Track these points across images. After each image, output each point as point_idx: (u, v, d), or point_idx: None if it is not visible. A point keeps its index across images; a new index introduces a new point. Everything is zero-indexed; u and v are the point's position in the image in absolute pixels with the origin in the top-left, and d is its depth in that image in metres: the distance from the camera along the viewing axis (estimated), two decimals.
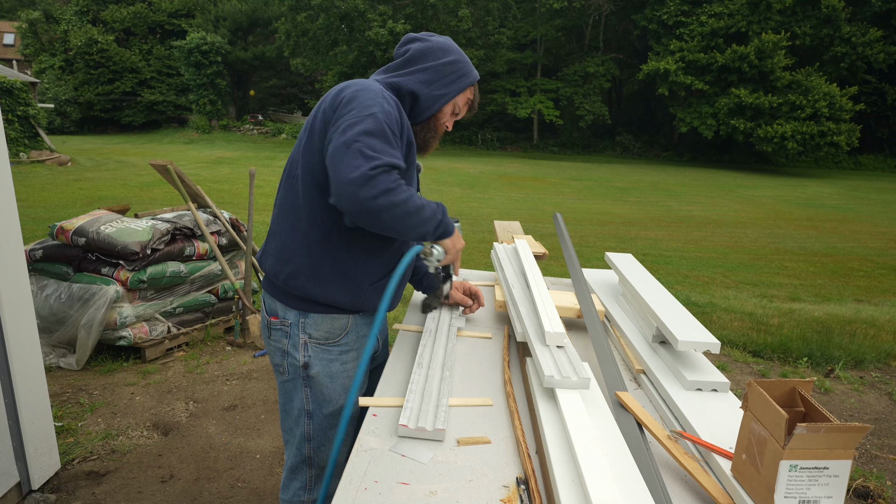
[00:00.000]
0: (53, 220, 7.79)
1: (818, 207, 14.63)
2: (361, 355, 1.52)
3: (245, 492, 2.49)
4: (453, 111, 1.63)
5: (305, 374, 1.52)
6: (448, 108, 1.62)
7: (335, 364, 1.53)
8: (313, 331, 1.51)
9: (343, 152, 1.31)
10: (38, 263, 3.71)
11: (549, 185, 17.20)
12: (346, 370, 1.55)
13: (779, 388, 1.00)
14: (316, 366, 1.52)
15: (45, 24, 37.79)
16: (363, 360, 1.43)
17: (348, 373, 1.55)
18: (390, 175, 1.31)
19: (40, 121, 18.79)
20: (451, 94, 1.59)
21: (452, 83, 1.58)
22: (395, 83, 1.54)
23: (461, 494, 1.03)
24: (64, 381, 3.42)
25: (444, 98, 1.58)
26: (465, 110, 1.67)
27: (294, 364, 1.52)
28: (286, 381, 1.56)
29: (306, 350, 1.51)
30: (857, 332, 4.64)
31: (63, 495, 2.41)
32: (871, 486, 2.65)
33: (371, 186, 1.28)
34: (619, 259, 2.06)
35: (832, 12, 26.45)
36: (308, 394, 1.54)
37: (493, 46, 31.25)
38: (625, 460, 1.07)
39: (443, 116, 1.62)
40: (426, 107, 1.57)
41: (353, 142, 1.31)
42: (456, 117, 1.66)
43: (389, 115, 1.39)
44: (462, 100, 1.63)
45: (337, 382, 1.54)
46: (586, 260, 6.79)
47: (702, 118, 27.69)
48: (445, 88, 1.58)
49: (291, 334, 1.51)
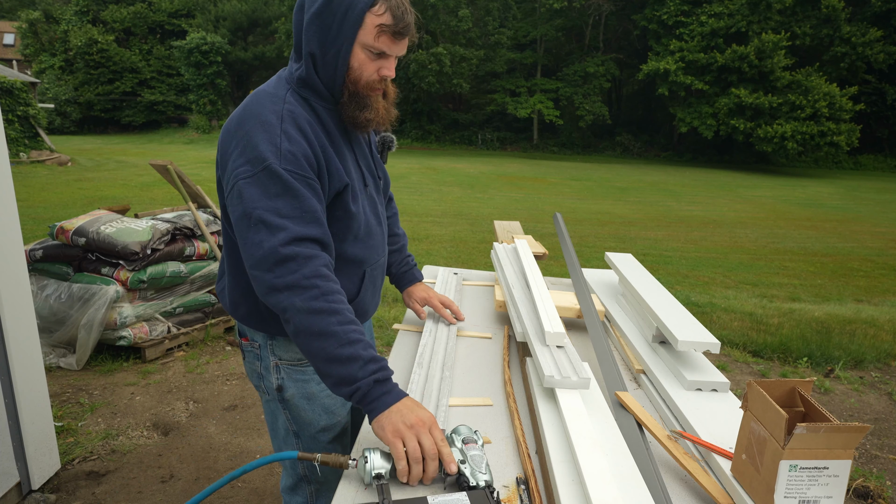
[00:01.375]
0: (53, 220, 7.79)
1: (818, 207, 14.63)
2: None
3: (245, 492, 2.49)
4: (370, 57, 1.20)
5: (281, 396, 1.40)
6: (358, 58, 1.19)
7: (311, 384, 1.39)
8: (283, 353, 1.38)
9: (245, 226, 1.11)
10: (38, 263, 3.71)
11: (549, 185, 17.20)
12: (324, 389, 1.39)
13: (779, 388, 1.00)
14: (290, 388, 1.38)
15: (45, 24, 37.79)
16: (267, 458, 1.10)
17: (327, 392, 1.38)
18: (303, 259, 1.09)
19: (40, 121, 18.80)
20: (348, 38, 1.17)
21: (346, 24, 1.16)
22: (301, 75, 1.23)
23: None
24: (64, 381, 3.42)
25: (341, 50, 1.18)
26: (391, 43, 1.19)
27: (269, 387, 1.41)
28: (269, 400, 1.45)
29: (278, 372, 1.39)
30: (856, 332, 4.64)
31: (63, 495, 2.41)
32: (870, 486, 2.65)
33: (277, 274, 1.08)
34: (618, 259, 2.06)
35: (832, 12, 26.45)
36: (289, 416, 1.42)
37: (493, 46, 31.25)
38: (625, 460, 1.07)
39: (359, 74, 1.21)
40: (331, 76, 1.21)
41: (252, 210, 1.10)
42: (384, 60, 1.21)
43: (290, 155, 1.13)
44: (369, 35, 1.17)
45: (316, 403, 1.40)
46: (586, 260, 6.79)
47: (702, 118, 27.70)
48: (338, 37, 1.17)
49: (262, 356, 1.40)
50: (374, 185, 1.42)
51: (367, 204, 1.36)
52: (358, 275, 1.38)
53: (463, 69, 30.31)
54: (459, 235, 8.86)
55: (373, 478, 1.00)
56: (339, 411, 1.44)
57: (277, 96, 1.22)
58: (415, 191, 14.16)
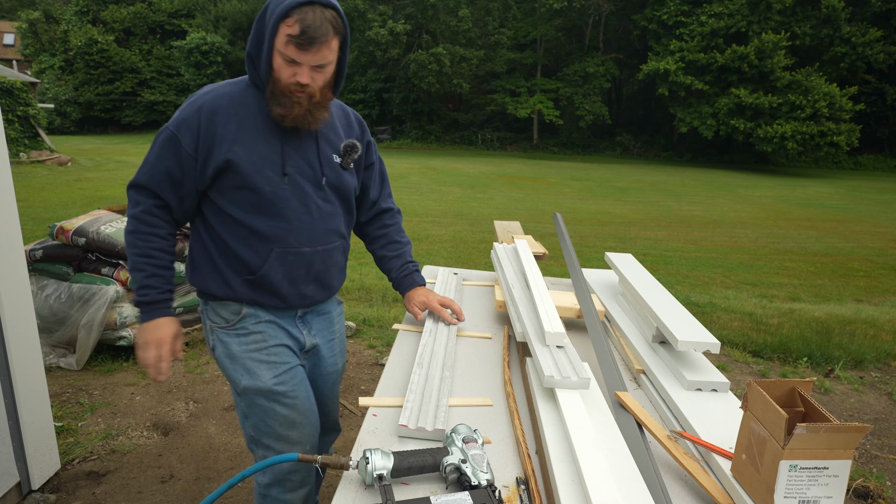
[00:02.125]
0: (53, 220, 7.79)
1: (818, 207, 14.63)
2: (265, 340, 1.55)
3: (245, 492, 2.49)
4: (286, 62, 1.36)
5: (214, 356, 1.61)
6: (277, 62, 1.37)
7: (233, 345, 1.56)
8: (213, 316, 1.59)
9: None
10: (38, 263, 3.71)
11: (549, 185, 17.19)
12: (245, 352, 1.55)
13: (778, 388, 1.00)
14: (218, 348, 1.58)
15: (45, 24, 37.78)
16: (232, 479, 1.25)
17: (250, 355, 1.55)
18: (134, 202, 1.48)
19: (40, 121, 18.79)
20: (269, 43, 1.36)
21: (267, 30, 1.36)
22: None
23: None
24: (64, 381, 3.42)
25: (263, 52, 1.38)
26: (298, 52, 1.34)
27: (208, 347, 1.64)
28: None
29: (213, 334, 1.60)
30: (856, 332, 4.64)
31: (63, 495, 2.41)
32: (870, 486, 2.65)
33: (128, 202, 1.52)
34: (618, 259, 2.06)
35: (832, 12, 26.44)
36: (224, 374, 1.61)
37: (493, 46, 31.24)
38: (625, 460, 1.07)
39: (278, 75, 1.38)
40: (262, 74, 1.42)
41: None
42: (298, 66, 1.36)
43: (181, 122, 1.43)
44: (281, 43, 1.34)
45: (238, 364, 1.55)
46: (586, 260, 6.79)
47: (702, 118, 27.69)
48: (262, 42, 1.38)
49: (203, 320, 1.63)
50: (309, 178, 1.52)
51: (287, 190, 1.49)
52: (264, 250, 1.50)
53: (463, 69, 30.30)
54: (459, 235, 8.86)
55: (374, 478, 1.01)
56: (262, 375, 1.54)
57: (231, 83, 1.50)
58: (415, 191, 14.16)
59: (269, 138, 1.47)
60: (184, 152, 1.44)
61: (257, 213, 1.48)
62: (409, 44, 30.11)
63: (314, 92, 1.41)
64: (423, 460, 1.05)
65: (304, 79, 1.37)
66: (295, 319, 1.62)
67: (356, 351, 3.98)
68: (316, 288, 1.61)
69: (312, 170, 1.53)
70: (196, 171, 1.46)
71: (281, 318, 1.59)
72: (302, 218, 1.52)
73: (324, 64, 1.38)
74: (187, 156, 1.44)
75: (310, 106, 1.42)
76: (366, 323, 4.47)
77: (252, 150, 1.45)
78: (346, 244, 1.67)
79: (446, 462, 1.04)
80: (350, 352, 3.94)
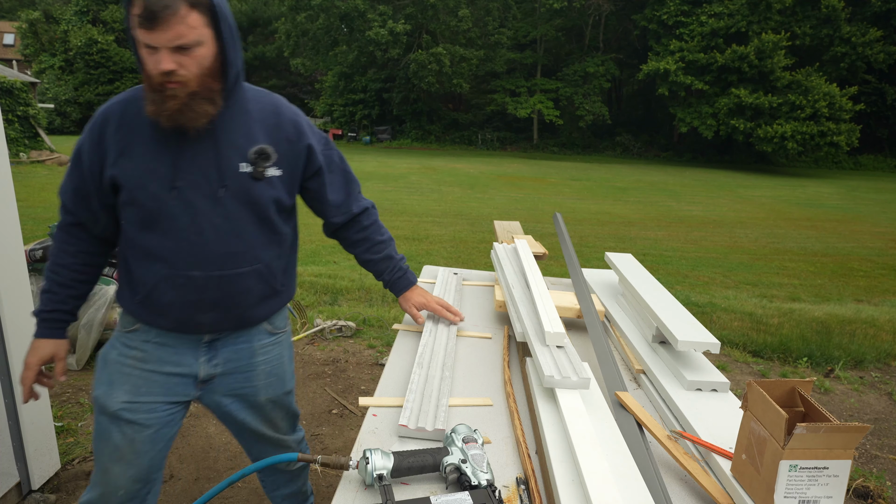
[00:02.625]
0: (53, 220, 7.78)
1: (818, 207, 14.63)
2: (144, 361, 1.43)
3: (245, 492, 2.49)
4: (148, 50, 1.21)
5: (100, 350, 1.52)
6: (142, 52, 1.22)
7: (114, 351, 1.46)
8: (120, 316, 1.51)
9: None
10: (38, 263, 3.71)
11: (549, 185, 17.19)
12: (120, 362, 1.44)
13: (778, 388, 1.00)
14: (105, 346, 1.50)
15: (45, 24, 37.77)
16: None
17: (121, 367, 1.43)
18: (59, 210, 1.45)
19: (40, 121, 18.78)
20: (130, 36, 1.23)
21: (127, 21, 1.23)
22: None
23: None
24: (64, 381, 3.42)
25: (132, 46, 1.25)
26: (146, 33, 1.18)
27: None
28: None
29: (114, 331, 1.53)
30: (856, 332, 4.64)
31: (63, 495, 2.41)
32: (870, 486, 2.65)
33: None
34: (618, 259, 2.06)
35: (832, 12, 26.44)
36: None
37: (493, 46, 31.24)
38: (625, 460, 1.07)
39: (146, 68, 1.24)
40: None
41: None
42: (156, 52, 1.21)
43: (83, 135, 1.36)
44: (134, 27, 1.20)
45: (105, 371, 1.45)
46: (586, 260, 6.79)
47: (702, 118, 27.68)
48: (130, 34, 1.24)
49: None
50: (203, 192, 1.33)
51: (176, 206, 1.32)
52: (153, 271, 1.36)
53: (463, 69, 30.30)
54: (459, 235, 8.86)
55: (374, 478, 1.00)
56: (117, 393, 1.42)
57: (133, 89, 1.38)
58: (415, 191, 14.16)
59: (160, 148, 1.31)
60: (84, 168, 1.35)
61: (146, 230, 1.35)
62: (409, 44, 30.11)
63: (187, 80, 1.22)
64: (423, 460, 1.05)
65: (167, 64, 1.19)
66: (199, 345, 1.45)
67: (356, 351, 3.98)
68: (217, 317, 1.41)
69: (208, 181, 1.32)
70: (96, 186, 1.36)
71: (176, 342, 1.43)
72: (191, 238, 1.33)
73: (185, 45, 1.19)
74: (87, 171, 1.35)
75: (187, 98, 1.23)
76: (366, 323, 4.47)
77: (138, 163, 1.31)
78: (265, 268, 1.44)
79: (446, 462, 1.04)
80: (350, 352, 3.94)
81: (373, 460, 1.01)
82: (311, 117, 37.91)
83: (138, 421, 1.42)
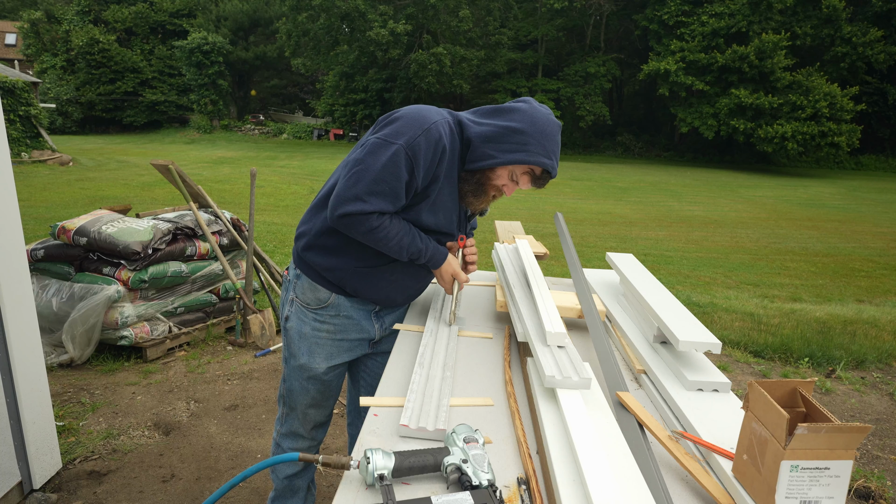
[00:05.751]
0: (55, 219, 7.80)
1: (819, 208, 14.62)
2: (336, 333, 1.73)
3: (246, 492, 2.49)
4: (511, 177, 1.60)
5: (286, 325, 1.77)
6: (501, 172, 1.59)
7: (306, 326, 1.72)
8: (300, 293, 1.72)
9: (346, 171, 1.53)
10: (39, 263, 3.72)
11: (550, 184, 17.14)
12: (316, 336, 1.72)
13: (780, 389, 1.00)
14: (293, 320, 1.74)
15: (46, 24, 37.79)
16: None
17: (317, 339, 1.72)
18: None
19: (42, 121, 18.81)
20: (501, 161, 1.55)
21: (507, 152, 1.55)
22: (465, 123, 1.61)
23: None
24: (65, 380, 3.43)
25: (491, 159, 1.56)
26: (527, 184, 1.61)
27: (283, 315, 1.79)
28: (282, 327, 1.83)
29: (291, 306, 1.75)
30: (858, 333, 4.64)
31: (64, 495, 2.41)
32: (872, 486, 2.65)
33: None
34: (620, 259, 2.05)
35: (833, 12, 26.42)
36: (286, 341, 1.79)
37: (493, 46, 31.24)
38: (626, 460, 1.07)
39: (494, 177, 1.60)
40: (474, 159, 1.59)
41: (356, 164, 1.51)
42: (515, 185, 1.61)
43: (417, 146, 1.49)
44: (519, 171, 1.58)
45: (304, 343, 1.73)
46: (587, 260, 6.79)
47: (702, 118, 27.68)
48: (497, 152, 1.56)
49: (287, 289, 1.78)
50: None
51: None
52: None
53: (463, 69, 30.30)
54: None
55: (375, 478, 1.01)
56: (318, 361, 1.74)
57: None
58: None
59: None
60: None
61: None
62: (409, 44, 30.11)
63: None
64: (424, 460, 1.05)
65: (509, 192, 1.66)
66: (371, 314, 1.76)
67: None
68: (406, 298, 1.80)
69: None
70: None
71: (358, 313, 1.73)
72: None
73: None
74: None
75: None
76: None
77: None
78: None
79: (447, 462, 1.04)
80: None
81: (374, 460, 1.02)
82: (312, 117, 37.94)
83: (332, 380, 1.81)
